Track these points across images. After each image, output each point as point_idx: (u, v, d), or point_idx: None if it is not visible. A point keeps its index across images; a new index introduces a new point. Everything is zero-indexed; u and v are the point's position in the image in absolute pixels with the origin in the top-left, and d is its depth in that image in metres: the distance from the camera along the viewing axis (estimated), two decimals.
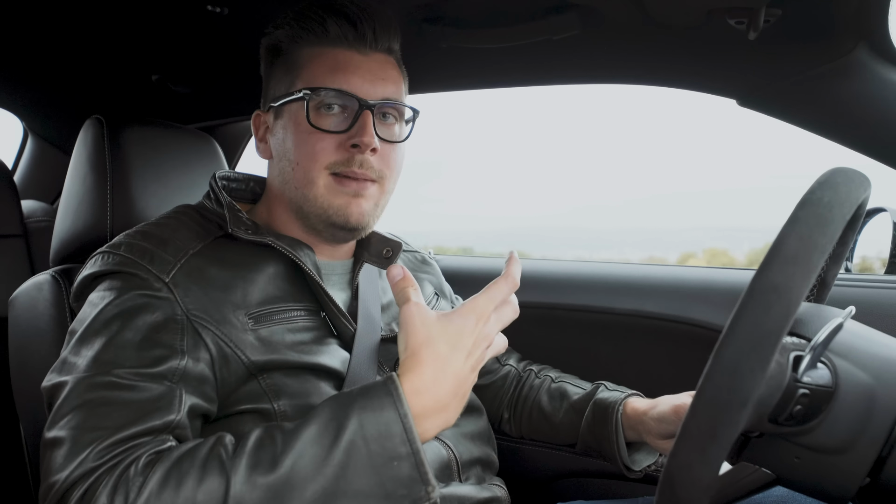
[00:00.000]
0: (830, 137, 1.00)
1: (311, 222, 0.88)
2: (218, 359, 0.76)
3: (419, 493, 0.63)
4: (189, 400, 0.72)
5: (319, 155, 0.84)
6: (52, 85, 1.44)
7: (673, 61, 1.03)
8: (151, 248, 0.80)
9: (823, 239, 0.47)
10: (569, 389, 1.08)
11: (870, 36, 0.87)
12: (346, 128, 0.84)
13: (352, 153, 0.84)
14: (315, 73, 0.85)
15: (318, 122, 0.84)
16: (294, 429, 0.64)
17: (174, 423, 0.69)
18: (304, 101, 0.84)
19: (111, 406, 0.67)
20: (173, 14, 1.07)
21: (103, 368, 0.70)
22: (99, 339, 0.72)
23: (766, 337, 0.44)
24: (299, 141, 0.85)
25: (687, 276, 1.24)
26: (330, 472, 0.61)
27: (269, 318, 0.81)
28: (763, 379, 0.44)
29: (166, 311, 0.76)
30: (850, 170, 0.55)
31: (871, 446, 0.52)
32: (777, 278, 0.45)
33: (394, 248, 0.97)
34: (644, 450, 1.02)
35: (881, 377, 0.54)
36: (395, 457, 0.63)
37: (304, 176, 0.85)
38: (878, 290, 1.06)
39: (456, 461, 0.89)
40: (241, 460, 0.62)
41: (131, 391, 0.69)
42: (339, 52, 0.86)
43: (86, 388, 0.69)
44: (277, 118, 0.89)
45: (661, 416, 0.92)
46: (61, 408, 0.68)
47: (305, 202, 0.86)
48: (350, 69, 0.85)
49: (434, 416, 0.67)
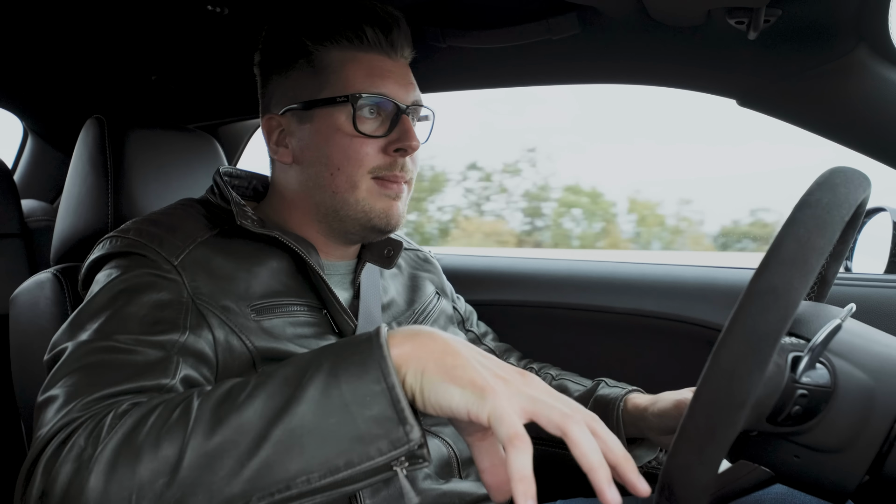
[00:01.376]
0: (830, 137, 1.00)
1: (344, 226, 0.88)
2: (223, 343, 0.76)
3: (397, 433, 0.55)
4: (185, 370, 0.71)
5: (364, 160, 0.85)
6: (53, 85, 1.44)
7: (673, 61, 1.03)
8: (161, 233, 0.80)
9: (822, 241, 0.47)
10: (569, 386, 1.08)
11: (870, 36, 0.87)
12: (384, 132, 0.86)
13: (394, 157, 0.86)
14: (351, 78, 0.85)
15: (362, 127, 0.85)
16: (269, 371, 0.61)
17: (166, 386, 0.68)
18: (348, 106, 0.84)
19: (106, 367, 0.67)
20: (173, 14, 1.07)
21: (103, 336, 0.70)
22: (104, 312, 0.73)
23: (764, 339, 0.44)
24: (340, 146, 0.85)
25: (686, 274, 1.24)
26: (299, 409, 0.56)
27: (272, 310, 0.81)
28: (761, 380, 0.44)
29: (172, 291, 0.76)
30: (849, 170, 0.54)
31: (870, 444, 0.52)
32: (775, 280, 0.45)
33: (394, 247, 0.97)
34: (644, 446, 1.03)
35: (880, 377, 0.54)
36: (367, 394, 0.56)
37: (347, 180, 0.85)
38: (877, 288, 1.06)
39: (456, 458, 0.90)
40: (211, 399, 0.59)
41: (128, 354, 0.69)
42: (373, 57, 0.87)
43: (84, 352, 0.69)
44: (304, 122, 0.88)
45: (663, 412, 0.92)
46: (58, 371, 0.68)
47: (345, 206, 0.86)
48: (385, 74, 0.87)
49: (411, 350, 0.58)
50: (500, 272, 1.39)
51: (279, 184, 0.93)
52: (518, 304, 1.33)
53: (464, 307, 1.17)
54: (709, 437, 0.45)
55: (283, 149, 0.91)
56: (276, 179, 0.94)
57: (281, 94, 0.90)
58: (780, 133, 1.71)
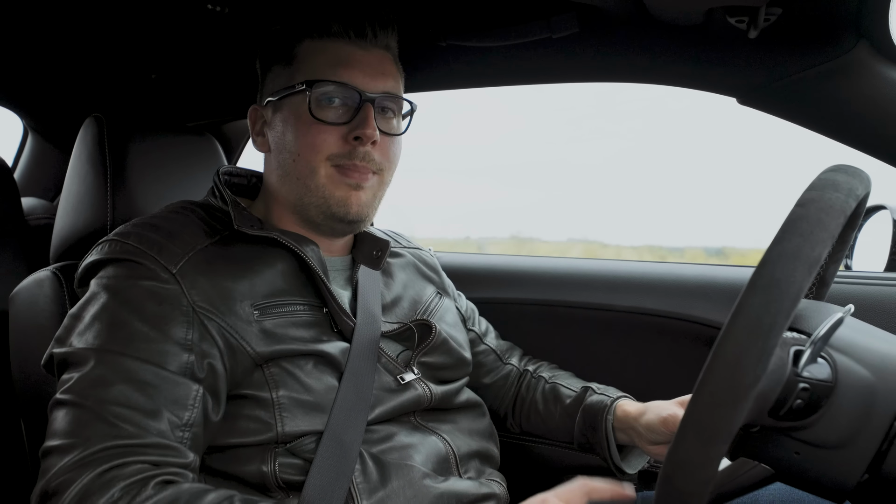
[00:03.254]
0: (831, 135, 1.00)
1: (309, 214, 0.89)
2: (225, 350, 0.77)
3: None
4: (201, 400, 0.75)
5: (321, 146, 0.85)
6: (53, 83, 1.44)
7: (673, 60, 1.02)
8: (161, 239, 0.80)
9: (824, 234, 0.47)
10: (561, 392, 1.08)
11: (870, 34, 0.87)
12: (346, 120, 0.86)
13: (353, 146, 0.86)
14: (316, 67, 0.87)
15: (320, 114, 0.85)
16: None
17: (178, 456, 0.72)
18: (306, 94, 0.85)
19: (123, 406, 0.70)
20: (173, 13, 1.07)
21: (111, 368, 0.72)
22: (107, 332, 0.74)
23: (767, 331, 0.44)
24: (301, 132, 0.86)
25: (686, 272, 1.24)
26: None
27: (274, 310, 0.82)
28: (764, 373, 0.44)
29: (172, 302, 0.76)
30: (850, 167, 0.55)
31: (870, 441, 0.53)
32: (778, 273, 0.45)
33: (382, 248, 0.98)
34: (635, 453, 1.03)
35: (881, 373, 0.54)
36: None
37: (306, 166, 0.86)
38: (877, 287, 1.06)
39: (454, 454, 0.90)
40: None
41: (144, 389, 0.71)
42: (340, 45, 0.88)
43: (90, 384, 0.71)
44: (277, 112, 0.90)
45: (650, 426, 0.92)
46: (63, 415, 0.70)
47: (306, 193, 0.87)
48: (351, 63, 0.87)
49: None
50: (501, 270, 1.39)
51: (265, 178, 0.95)
52: (519, 303, 1.33)
53: (465, 305, 1.17)
54: (711, 429, 0.45)
55: (260, 138, 0.94)
56: (264, 174, 0.96)
57: (265, 88, 0.93)
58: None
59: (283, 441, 0.78)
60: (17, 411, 1.02)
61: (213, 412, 0.76)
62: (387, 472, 0.81)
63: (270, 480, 0.77)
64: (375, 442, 0.84)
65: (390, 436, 0.86)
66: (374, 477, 0.80)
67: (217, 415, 0.77)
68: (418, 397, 0.90)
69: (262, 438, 0.78)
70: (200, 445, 0.75)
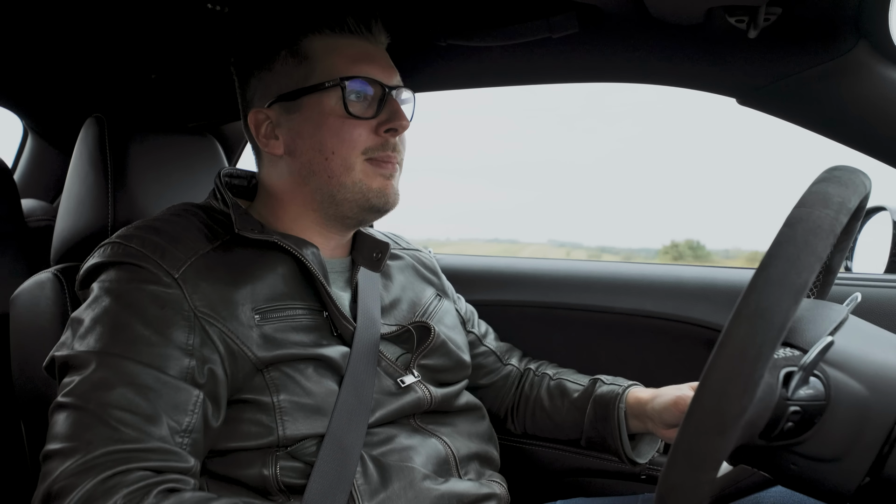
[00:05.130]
0: (830, 136, 1.00)
1: (341, 210, 0.90)
2: (226, 355, 0.77)
3: None
4: (202, 405, 0.75)
5: (357, 141, 0.87)
6: (53, 84, 1.44)
7: (672, 60, 1.02)
8: (163, 243, 0.80)
9: (812, 259, 0.45)
10: (568, 386, 1.08)
11: (870, 34, 0.87)
12: (374, 113, 0.88)
13: (385, 137, 0.88)
14: (337, 64, 0.88)
15: (354, 109, 0.87)
16: None
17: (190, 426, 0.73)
18: (337, 90, 0.87)
19: (124, 410, 0.70)
20: (173, 13, 1.07)
21: (114, 363, 0.72)
22: (110, 335, 0.74)
23: (753, 362, 0.43)
24: (333, 129, 0.87)
25: (686, 274, 1.24)
26: None
27: (275, 314, 0.82)
28: (750, 403, 0.43)
29: (174, 306, 0.76)
30: (847, 169, 0.53)
31: (866, 452, 0.52)
32: (764, 301, 0.44)
33: (382, 249, 0.98)
34: (646, 440, 1.03)
35: (876, 386, 0.53)
36: None
37: (342, 163, 0.87)
38: (878, 288, 1.06)
39: (453, 456, 0.90)
40: None
41: (145, 393, 0.71)
42: (354, 41, 0.90)
43: (91, 388, 0.71)
44: (292, 112, 0.89)
45: (663, 408, 0.93)
46: (64, 418, 0.70)
47: (342, 189, 0.88)
48: (369, 59, 0.90)
49: None
50: (501, 272, 1.39)
51: (268, 180, 0.94)
52: (519, 304, 1.33)
53: (464, 307, 1.17)
54: (700, 457, 0.44)
55: (273, 141, 0.91)
56: (264, 176, 0.95)
57: (265, 89, 0.92)
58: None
59: (285, 444, 0.79)
60: (17, 413, 1.02)
61: (214, 418, 0.76)
62: (387, 474, 0.81)
63: (271, 484, 0.78)
64: (376, 444, 0.84)
65: (390, 438, 0.86)
66: (375, 479, 0.80)
67: (217, 420, 0.77)
68: (418, 400, 0.90)
69: (264, 442, 0.78)
70: (201, 451, 0.75)
